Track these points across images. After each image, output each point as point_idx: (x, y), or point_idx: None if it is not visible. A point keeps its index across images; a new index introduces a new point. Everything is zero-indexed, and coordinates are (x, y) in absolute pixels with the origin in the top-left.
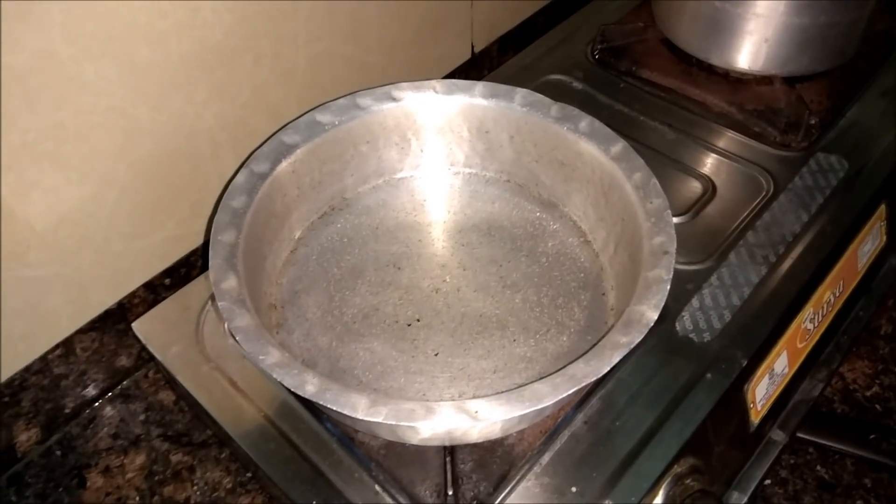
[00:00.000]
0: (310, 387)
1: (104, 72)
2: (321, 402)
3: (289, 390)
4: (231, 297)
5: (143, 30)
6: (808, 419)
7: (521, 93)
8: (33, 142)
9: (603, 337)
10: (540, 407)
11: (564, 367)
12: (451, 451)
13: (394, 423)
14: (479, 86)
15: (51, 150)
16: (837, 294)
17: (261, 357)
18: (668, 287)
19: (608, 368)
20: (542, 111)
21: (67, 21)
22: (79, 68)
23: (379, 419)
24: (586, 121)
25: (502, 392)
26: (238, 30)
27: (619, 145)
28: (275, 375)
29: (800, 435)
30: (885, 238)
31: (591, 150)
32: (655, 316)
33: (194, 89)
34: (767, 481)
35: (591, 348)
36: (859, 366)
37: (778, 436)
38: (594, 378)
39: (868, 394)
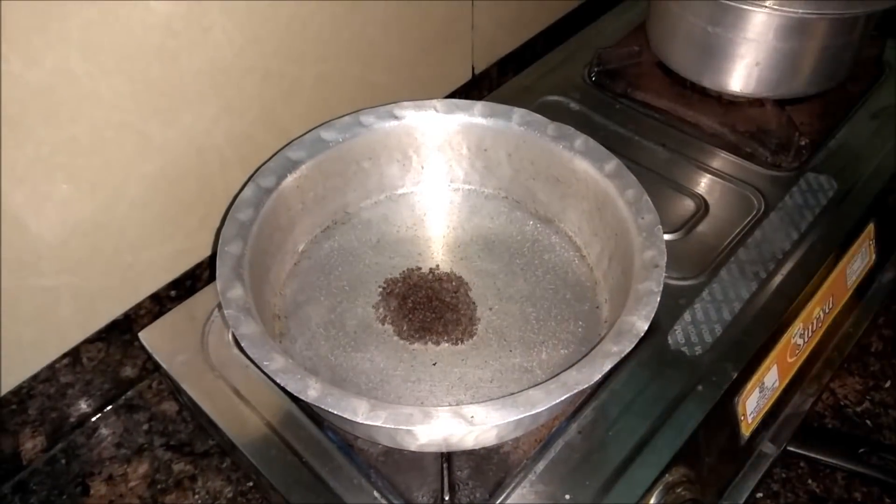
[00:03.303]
0: (312, 391)
1: (118, 88)
2: (323, 406)
3: (291, 396)
4: (237, 306)
5: (155, 48)
6: (799, 433)
7: (518, 112)
8: (48, 155)
9: (595, 346)
10: (533, 412)
11: (557, 374)
12: (447, 458)
13: (392, 426)
14: (479, 105)
15: (64, 163)
16: (827, 310)
17: (265, 363)
18: (658, 299)
19: (599, 376)
20: (539, 130)
21: (84, 39)
22: (94, 84)
23: (378, 423)
24: (581, 139)
25: (497, 398)
26: (247, 50)
27: (613, 163)
28: (278, 380)
29: (790, 448)
30: (873, 256)
31: (585, 168)
32: (645, 326)
33: (204, 106)
34: (759, 494)
35: (582, 357)
36: (850, 382)
37: (769, 449)
38: (586, 385)
39: (859, 409)
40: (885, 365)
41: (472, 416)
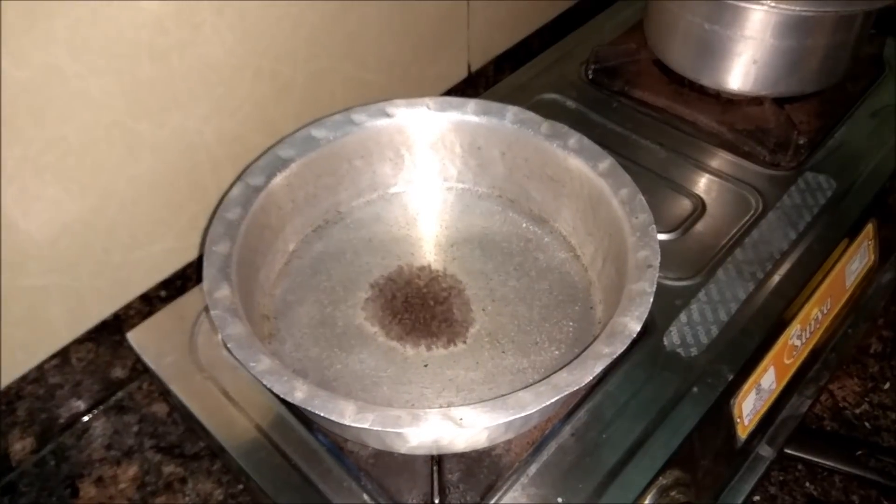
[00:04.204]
0: (298, 393)
1: (107, 87)
2: (309, 409)
3: (280, 398)
4: (224, 306)
5: (145, 47)
6: (797, 435)
7: (512, 110)
8: (36, 154)
9: (587, 348)
10: (523, 415)
11: (548, 376)
12: (438, 461)
13: (380, 429)
14: (472, 103)
15: (53, 162)
16: (825, 311)
17: (251, 364)
18: (651, 299)
19: (590, 378)
20: (533, 128)
21: (72, 37)
22: (83, 83)
23: (365, 425)
24: (575, 138)
25: (487, 400)
26: (238, 48)
27: (607, 162)
28: (265, 382)
29: (788, 451)
30: (873, 257)
31: (579, 166)
32: (638, 327)
33: (195, 105)
34: (756, 497)
35: (574, 358)
36: (849, 384)
37: (766, 451)
38: (576, 387)
39: (857, 411)
40: (885, 367)
41: (461, 419)
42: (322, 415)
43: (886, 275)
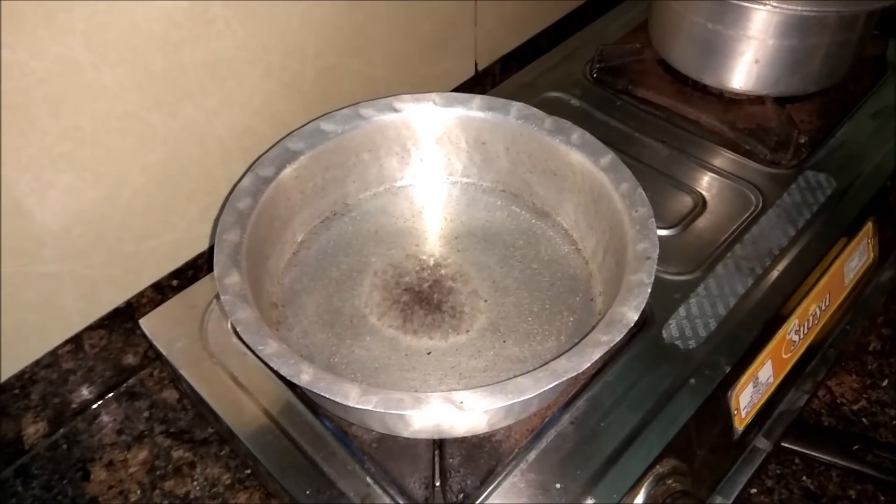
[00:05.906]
0: (304, 376)
1: (121, 78)
2: (315, 391)
3: (287, 383)
4: (233, 292)
5: (158, 40)
6: (794, 429)
7: (516, 106)
8: (52, 144)
9: (585, 336)
10: (522, 399)
11: (547, 363)
12: (439, 445)
13: (383, 410)
14: (477, 99)
15: (68, 152)
16: (823, 307)
17: (259, 347)
18: (649, 290)
19: (588, 364)
20: (536, 124)
21: (88, 30)
22: (97, 74)
23: (369, 407)
24: (577, 133)
25: (487, 385)
26: (249, 43)
27: (608, 156)
28: (272, 365)
29: (784, 444)
30: (872, 255)
31: (581, 161)
32: (636, 317)
33: (206, 98)
34: (753, 490)
35: (572, 346)
36: (847, 380)
37: (763, 444)
38: (574, 374)
39: (855, 408)
40: (883, 364)
41: (462, 402)
42: (327, 397)
43: (886, 273)
